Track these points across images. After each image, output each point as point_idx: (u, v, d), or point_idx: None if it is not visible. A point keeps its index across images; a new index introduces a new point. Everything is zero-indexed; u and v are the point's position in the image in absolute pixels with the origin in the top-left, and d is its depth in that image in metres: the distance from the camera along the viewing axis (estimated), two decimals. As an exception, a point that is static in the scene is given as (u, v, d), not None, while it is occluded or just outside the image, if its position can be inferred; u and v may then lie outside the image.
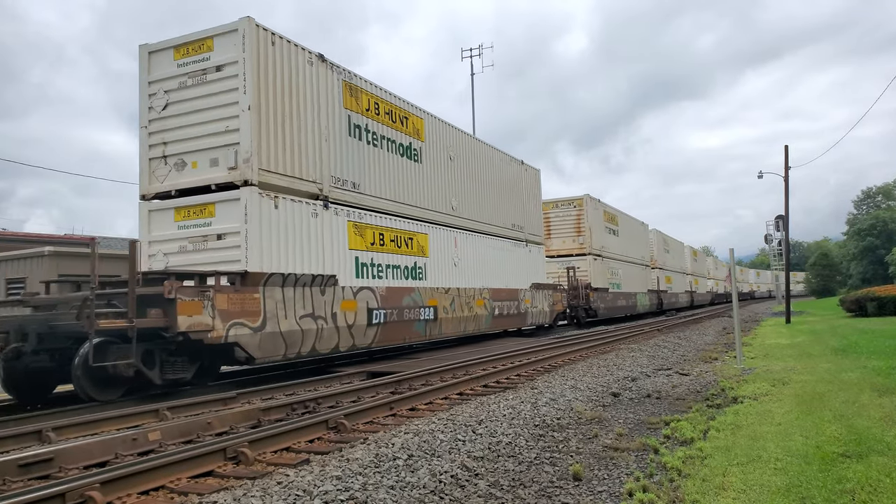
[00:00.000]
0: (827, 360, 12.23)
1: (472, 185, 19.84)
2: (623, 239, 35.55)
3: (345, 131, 13.65)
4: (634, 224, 39.40)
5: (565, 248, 30.43)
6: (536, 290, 23.48)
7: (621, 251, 34.86)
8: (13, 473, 5.20)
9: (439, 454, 5.71)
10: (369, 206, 14.30)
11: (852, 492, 4.48)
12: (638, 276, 38.01)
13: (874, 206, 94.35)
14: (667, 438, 6.45)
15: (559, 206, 30.82)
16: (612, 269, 32.57)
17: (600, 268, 30.47)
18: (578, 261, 29.60)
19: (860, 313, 27.80)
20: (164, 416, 7.90)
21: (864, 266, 79.02)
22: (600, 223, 31.66)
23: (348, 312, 12.91)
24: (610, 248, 32.64)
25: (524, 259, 23.03)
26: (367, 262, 13.91)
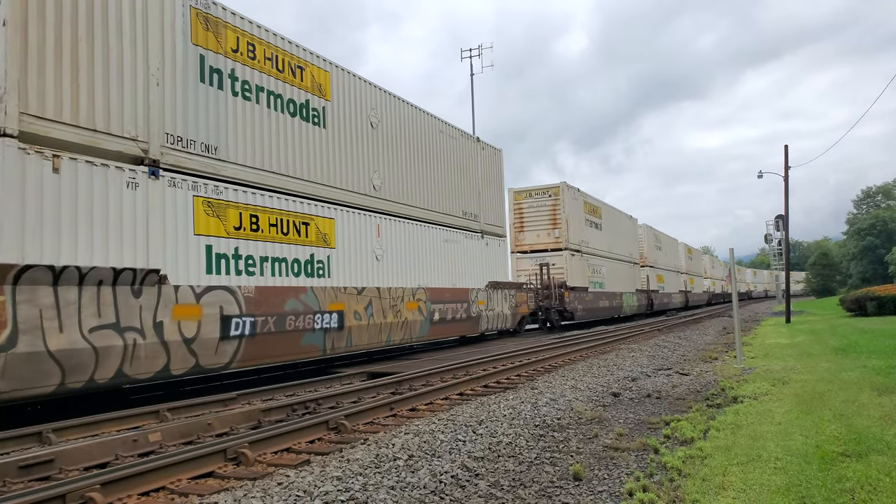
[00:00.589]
0: (827, 360, 12.23)
1: (405, 161, 16.35)
2: (607, 233, 32.74)
3: (193, 75, 10.36)
4: (621, 218, 36.31)
5: (540, 242, 27.38)
6: (494, 290, 20.38)
7: (605, 247, 32.17)
8: (14, 475, 5.21)
9: (440, 454, 5.71)
10: (235, 179, 10.91)
11: (852, 491, 4.49)
12: (625, 274, 35.42)
13: (874, 205, 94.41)
14: (667, 438, 6.46)
15: (533, 196, 27.67)
16: (594, 267, 29.97)
17: (579, 265, 27.84)
18: (554, 257, 26.80)
19: (860, 313, 27.80)
20: (164, 417, 7.91)
21: (864, 265, 79.10)
22: (579, 215, 28.72)
23: (186, 322, 9.49)
24: (592, 243, 29.96)
25: (479, 253, 19.82)
26: (228, 253, 10.58)
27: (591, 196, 30.70)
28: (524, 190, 27.98)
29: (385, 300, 14.60)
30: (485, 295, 19.72)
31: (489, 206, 21.06)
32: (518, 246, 27.67)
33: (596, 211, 31.43)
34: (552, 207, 27.33)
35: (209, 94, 10.67)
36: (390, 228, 15.39)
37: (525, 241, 27.60)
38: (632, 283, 36.59)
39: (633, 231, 38.86)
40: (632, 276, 36.88)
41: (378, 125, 15.36)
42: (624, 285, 34.70)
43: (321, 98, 13.38)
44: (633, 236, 38.28)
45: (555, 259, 26.73)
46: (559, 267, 26.62)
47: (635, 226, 39.60)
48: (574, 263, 27.28)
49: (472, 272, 19.30)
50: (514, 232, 27.65)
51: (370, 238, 14.50)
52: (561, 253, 26.85)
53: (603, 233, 31.95)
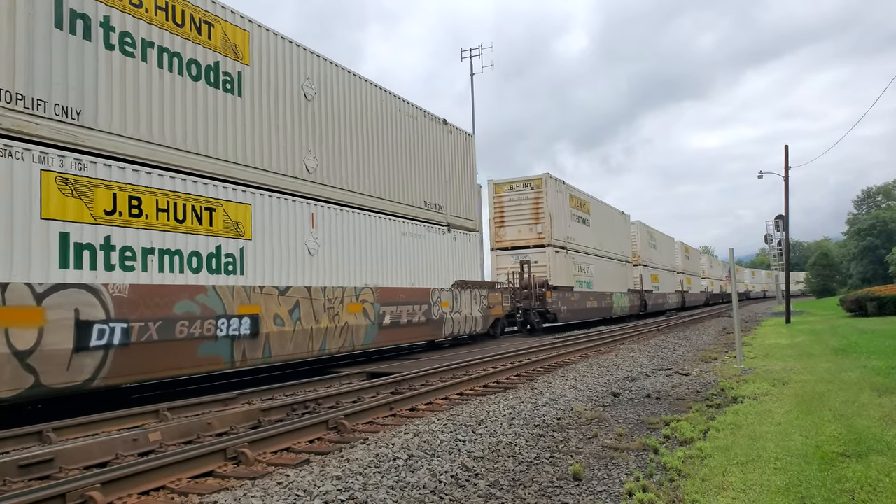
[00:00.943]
0: (827, 360, 12.24)
1: (350, 141, 14.18)
2: (596, 230, 30.66)
3: (45, 20, 8.31)
4: (611, 214, 33.98)
5: (521, 238, 25.32)
6: (462, 291, 18.06)
7: (594, 244, 30.11)
8: (14, 474, 5.21)
9: (439, 454, 5.72)
10: (106, 151, 8.90)
11: (852, 491, 4.49)
12: (616, 273, 33.36)
13: (874, 205, 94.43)
14: (667, 438, 6.46)
15: (514, 188, 25.64)
16: (581, 265, 28.04)
17: (563, 262, 25.90)
18: (536, 254, 24.82)
19: (860, 313, 27.80)
20: (164, 416, 7.91)
21: (864, 266, 79.11)
22: (565, 209, 26.73)
23: (21, 331, 7.56)
24: (578, 240, 28.00)
25: (444, 249, 17.65)
26: (95, 243, 8.63)
27: (577, 189, 28.72)
28: (505, 182, 26.00)
29: (319, 302, 12.41)
30: (450, 295, 17.42)
31: (459, 196, 18.81)
32: (498, 242, 25.86)
33: (584, 205, 29.33)
34: (534, 201, 25.23)
35: (69, 45, 8.58)
36: (330, 218, 13.24)
37: (506, 237, 25.65)
38: (623, 283, 34.49)
39: (626, 228, 36.82)
40: (623, 275, 34.79)
41: (314, 97, 13.12)
42: (615, 285, 32.69)
43: (237, 61, 11.29)
44: (625, 233, 36.33)
45: (537, 256, 24.77)
46: (541, 265, 24.68)
47: (627, 223, 37.43)
48: (558, 261, 25.36)
49: (437, 270, 17.22)
50: (494, 227, 25.95)
51: (301, 228, 12.41)
52: (543, 250, 24.91)
53: (591, 229, 29.94)
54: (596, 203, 31.43)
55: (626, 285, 34.97)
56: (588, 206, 30.01)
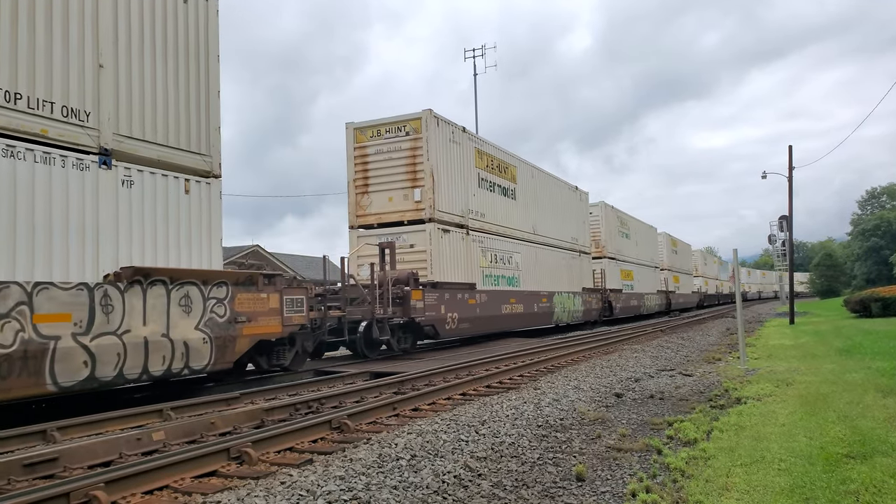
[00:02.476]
0: (831, 361, 12.20)
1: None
2: (528, 206, 23.05)
3: None
4: (557, 187, 25.98)
5: (392, 210, 17.26)
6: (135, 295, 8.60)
7: (522, 225, 22.36)
8: (18, 473, 5.23)
9: (442, 454, 5.71)
10: None
11: (856, 493, 4.47)
12: (561, 266, 25.63)
13: (879, 206, 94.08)
14: (670, 439, 6.45)
15: (383, 135, 17.42)
16: (497, 254, 20.22)
17: (458, 247, 17.87)
18: (412, 233, 16.79)
19: (864, 314, 27.72)
20: (167, 416, 7.93)
21: (869, 266, 78.87)
22: (465, 169, 18.67)
23: None
24: (492, 217, 20.10)
25: (107, 205, 8.60)
26: None
27: (494, 145, 20.95)
28: (370, 125, 17.57)
29: None
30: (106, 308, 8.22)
31: (165, 101, 9.63)
32: (360, 217, 17.77)
33: (504, 169, 21.42)
34: (411, 153, 16.89)
35: None
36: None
37: (371, 209, 17.50)
38: (574, 280, 26.85)
39: (581, 209, 28.89)
40: (577, 269, 27.40)
41: None
42: (560, 282, 25.17)
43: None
44: (579, 216, 28.55)
45: (414, 236, 16.74)
46: (419, 250, 16.58)
47: (584, 202, 29.54)
48: (447, 245, 17.26)
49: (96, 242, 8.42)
50: (354, 194, 17.78)
51: None
52: (423, 227, 16.69)
53: (518, 204, 22.18)
54: (528, 170, 23.26)
55: (578, 283, 27.29)
56: (513, 171, 22.08)
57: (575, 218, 28.12)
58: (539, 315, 23.05)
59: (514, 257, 21.76)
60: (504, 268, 20.87)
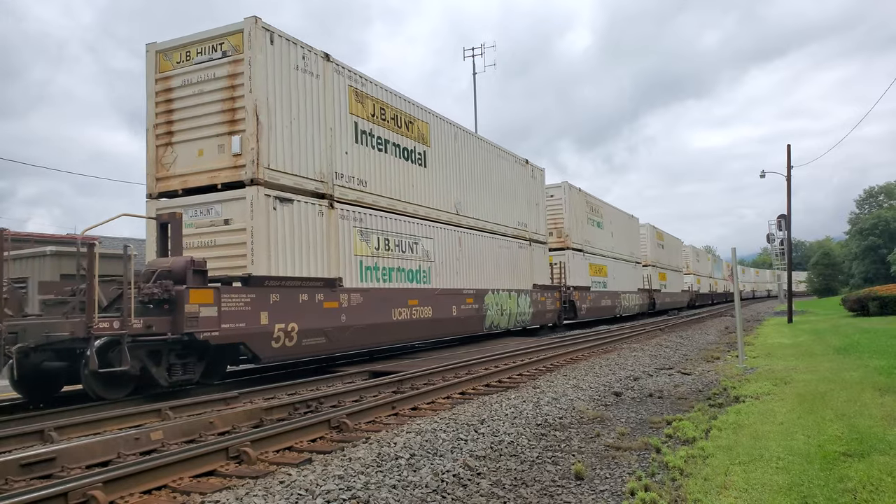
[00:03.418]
0: (829, 360, 12.22)
1: None
2: (441, 176, 17.21)
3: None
4: (482, 152, 19.77)
5: (203, 169, 11.58)
6: None
7: (429, 198, 16.50)
8: (15, 473, 5.21)
9: (441, 453, 5.71)
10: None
11: (854, 491, 4.48)
12: (502, 258, 20.30)
13: (877, 205, 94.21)
14: (669, 438, 6.45)
15: (194, 59, 11.84)
16: (387, 237, 14.50)
17: (304, 223, 12.09)
18: (228, 201, 11.27)
19: (862, 313, 27.75)
20: (166, 415, 7.92)
21: (867, 265, 78.99)
22: (328, 112, 12.96)
23: None
24: (376, 185, 14.39)
25: None
26: None
27: (386, 87, 15.01)
28: (177, 46, 12.03)
29: None
30: None
31: None
32: (162, 180, 11.99)
33: (409, 126, 15.84)
34: (229, 84, 11.40)
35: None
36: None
37: (175, 169, 11.86)
38: (521, 275, 21.50)
39: (533, 189, 23.41)
40: (522, 262, 21.74)
41: None
42: (496, 277, 19.67)
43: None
44: (531, 197, 23.11)
45: (231, 207, 11.21)
46: (237, 227, 11.08)
47: (538, 181, 24.04)
48: (286, 221, 11.61)
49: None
50: (155, 147, 12.05)
51: None
52: (242, 193, 11.10)
53: (430, 173, 16.61)
54: (449, 130, 17.82)
55: (528, 278, 22.09)
56: (422, 128, 16.38)
57: (524, 199, 22.53)
58: (461, 321, 17.35)
59: (423, 244, 15.99)
60: (403, 258, 15.05)
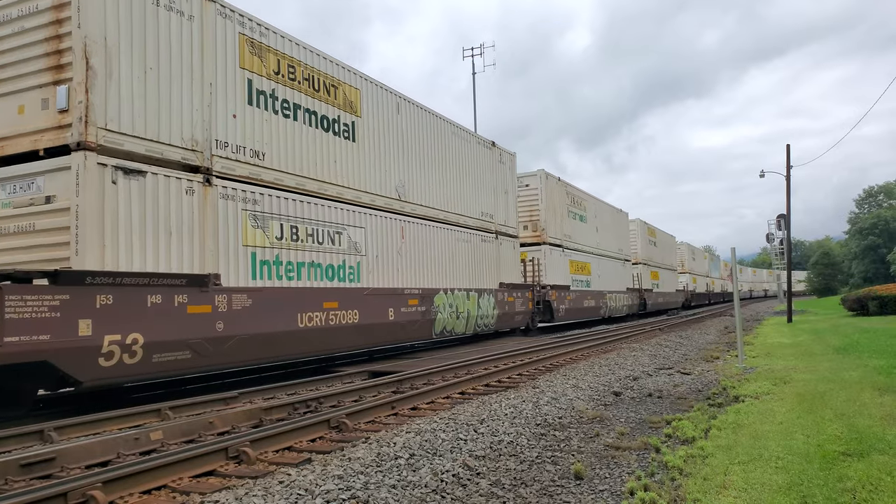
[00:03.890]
0: (828, 359, 12.23)
1: None
2: (375, 153, 14.46)
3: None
4: (435, 129, 17.13)
5: (21, 130, 8.81)
6: None
7: (358, 179, 13.82)
8: (15, 473, 5.22)
9: (441, 453, 5.72)
10: None
11: (853, 490, 4.48)
12: (449, 251, 17.26)
13: (876, 205, 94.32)
14: (668, 437, 6.46)
15: None
16: (296, 223, 11.85)
17: (160, 203, 9.35)
18: (52, 172, 8.50)
19: (862, 312, 27.77)
20: (165, 415, 7.92)
21: (866, 265, 79.12)
22: (205, 62, 10.31)
23: None
24: (281, 156, 11.72)
25: None
26: None
27: (298, 41, 12.35)
28: None
29: None
30: None
31: None
32: None
33: (332, 90, 13.12)
34: (54, 17, 8.74)
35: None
36: None
37: None
38: (485, 272, 18.99)
39: (501, 175, 20.80)
40: (487, 258, 19.14)
41: None
42: (452, 275, 17.17)
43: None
44: (497, 184, 20.46)
45: (54, 180, 8.57)
46: (59, 207, 8.47)
47: (508, 167, 21.40)
48: (131, 200, 9.02)
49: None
50: None
51: None
52: (66, 162, 8.48)
53: (360, 149, 13.86)
54: (389, 100, 15.10)
55: (495, 276, 19.62)
56: (349, 93, 13.69)
57: (490, 186, 20.06)
58: (401, 326, 14.55)
59: (351, 234, 13.30)
60: (319, 250, 12.35)
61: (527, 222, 24.24)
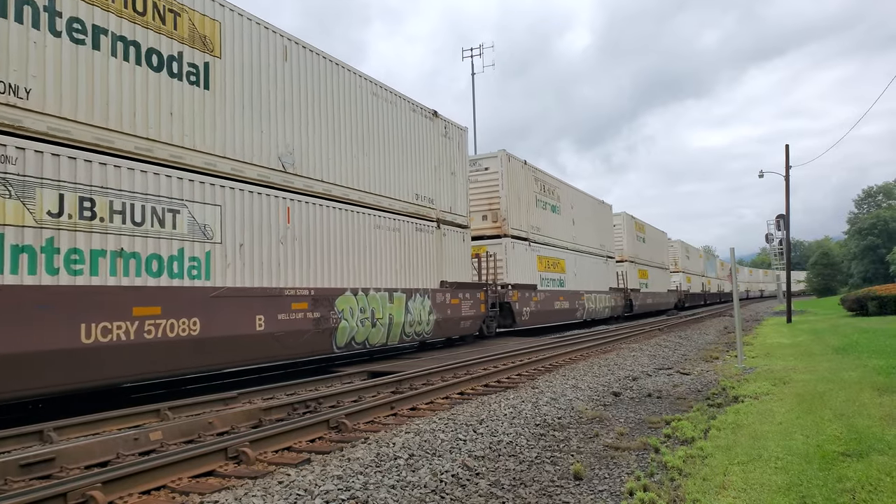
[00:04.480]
0: (828, 360, 12.23)
1: None
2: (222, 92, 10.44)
3: None
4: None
5: None
6: None
7: (186, 132, 9.73)
8: (15, 473, 5.22)
9: (440, 454, 5.72)
10: None
11: (852, 490, 4.49)
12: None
13: (875, 205, 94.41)
14: (668, 438, 6.46)
15: None
16: (42, 182, 7.81)
17: None
18: None
19: (861, 312, 27.78)
20: (165, 415, 7.92)
21: (865, 265, 79.21)
22: None
23: None
24: (18, 73, 7.66)
25: None
26: None
27: None
28: None
29: None
30: None
31: None
32: None
33: (168, 13, 9.57)
34: None
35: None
36: None
37: None
38: (420, 271, 15.63)
39: (447, 153, 17.23)
40: (422, 252, 15.82)
41: None
42: (373, 271, 13.86)
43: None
44: (440, 162, 16.92)
45: None
46: None
47: (457, 144, 17.72)
48: None
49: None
50: None
51: None
52: None
53: (220, 100, 10.48)
54: (245, 26, 11.10)
55: (424, 274, 15.82)
56: (188, 21, 9.94)
57: (430, 164, 16.45)
58: (277, 339, 11.02)
59: (196, 214, 9.89)
60: (137, 233, 9.01)
61: (485, 211, 21.14)
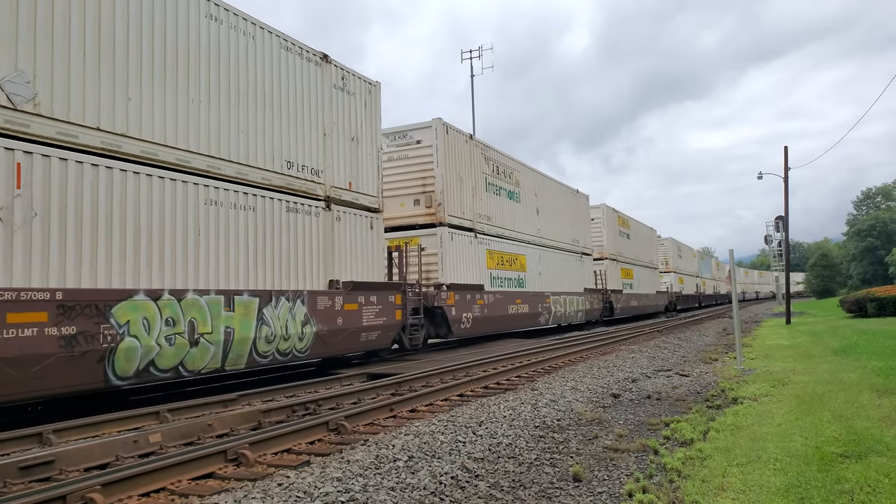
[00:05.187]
0: (827, 361, 12.24)
1: None
2: None
3: None
4: None
5: None
6: None
7: None
8: (14, 476, 5.22)
9: (439, 456, 5.72)
10: None
11: (851, 492, 4.49)
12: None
13: (874, 206, 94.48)
14: (667, 439, 6.46)
15: None
16: None
17: None
18: None
19: (860, 314, 27.80)
20: (164, 418, 7.91)
21: (864, 267, 79.25)
22: None
23: None
24: None
25: None
26: None
27: None
28: None
29: None
30: None
31: None
32: None
33: None
34: None
35: None
36: None
37: None
38: (300, 268, 11.66)
39: (337, 106, 13.13)
40: (302, 243, 11.77)
41: None
42: (211, 267, 9.74)
43: None
44: (331, 119, 12.89)
45: None
46: None
47: (360, 98, 13.82)
48: None
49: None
50: None
51: None
52: None
53: None
54: None
55: (309, 271, 11.95)
56: None
57: (314, 125, 12.48)
58: None
59: None
60: None
61: (417, 195, 17.37)
